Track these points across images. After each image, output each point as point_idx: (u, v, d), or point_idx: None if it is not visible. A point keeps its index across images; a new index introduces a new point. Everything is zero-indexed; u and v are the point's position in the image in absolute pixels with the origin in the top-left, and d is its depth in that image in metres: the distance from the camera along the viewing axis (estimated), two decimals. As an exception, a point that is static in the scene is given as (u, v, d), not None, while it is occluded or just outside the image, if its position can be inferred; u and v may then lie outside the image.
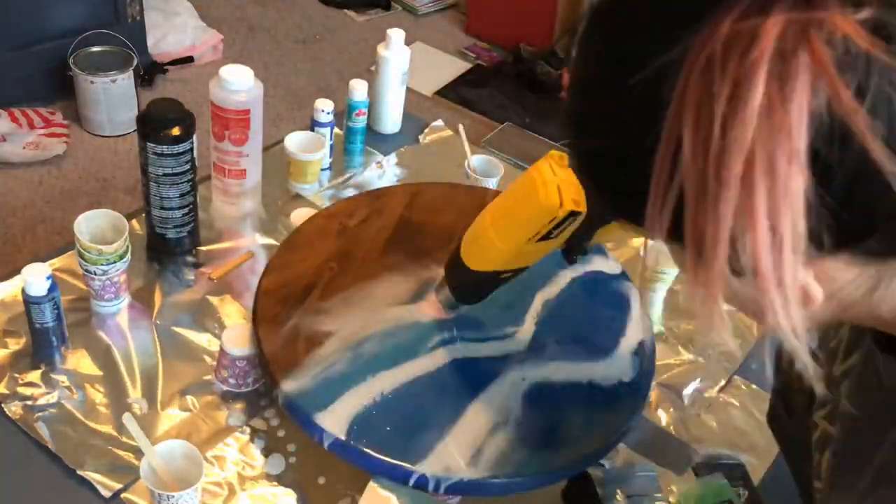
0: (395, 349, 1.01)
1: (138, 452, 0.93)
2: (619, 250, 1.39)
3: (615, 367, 1.04)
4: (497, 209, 0.91)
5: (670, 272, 1.29)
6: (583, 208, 0.83)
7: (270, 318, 1.02)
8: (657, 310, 1.30)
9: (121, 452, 0.97)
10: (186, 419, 1.02)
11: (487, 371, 1.00)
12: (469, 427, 0.94)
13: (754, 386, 1.20)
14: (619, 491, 1.00)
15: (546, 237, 0.86)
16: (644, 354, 1.06)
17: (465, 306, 1.03)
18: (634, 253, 1.38)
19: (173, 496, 0.87)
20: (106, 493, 0.92)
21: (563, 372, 1.02)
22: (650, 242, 1.31)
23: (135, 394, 1.04)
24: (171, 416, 1.02)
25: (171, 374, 1.07)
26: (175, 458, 0.92)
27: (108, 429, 0.99)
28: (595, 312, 1.11)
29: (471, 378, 0.99)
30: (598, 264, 1.18)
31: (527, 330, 1.06)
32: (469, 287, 1.00)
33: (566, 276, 1.14)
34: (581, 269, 1.16)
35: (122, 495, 0.92)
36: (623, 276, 1.17)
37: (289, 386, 0.95)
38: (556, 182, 0.83)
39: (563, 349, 1.05)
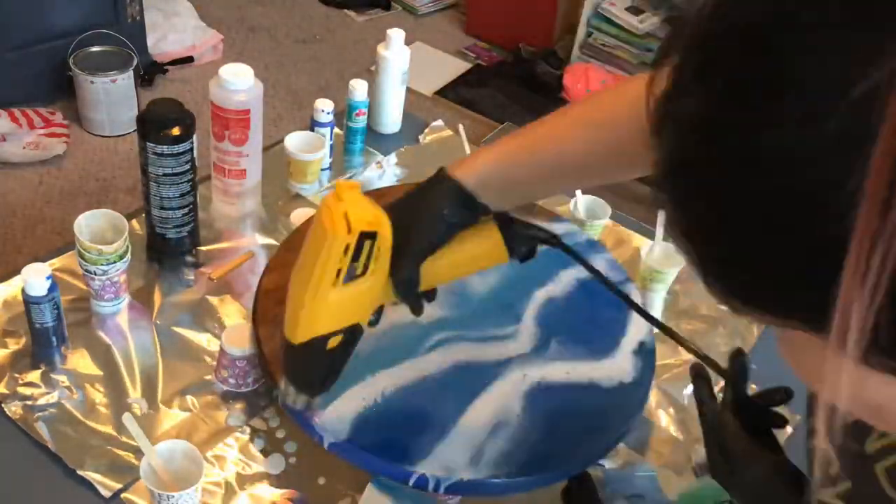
0: (395, 349, 1.01)
1: (138, 452, 0.93)
2: (619, 250, 1.39)
3: (615, 367, 1.04)
4: (297, 264, 0.81)
5: (670, 272, 1.29)
6: (377, 227, 0.75)
7: (270, 318, 1.02)
8: (657, 310, 1.29)
9: (121, 452, 0.96)
10: (186, 419, 1.02)
11: (487, 371, 1.00)
12: (469, 427, 0.94)
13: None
14: (619, 491, 1.00)
15: (352, 275, 0.76)
16: (644, 354, 1.06)
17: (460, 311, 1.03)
18: (634, 253, 1.38)
19: (173, 496, 0.87)
20: (106, 493, 0.92)
21: (563, 372, 1.02)
22: (650, 242, 1.31)
23: (135, 394, 1.04)
24: (171, 416, 1.02)
25: (171, 374, 1.07)
26: (175, 458, 0.92)
27: (108, 429, 0.99)
28: (595, 312, 1.11)
29: (471, 378, 0.99)
30: (598, 264, 1.18)
31: (527, 330, 1.06)
32: (302, 368, 0.86)
33: (567, 276, 1.15)
34: (581, 269, 1.16)
35: (122, 495, 0.92)
36: (623, 276, 1.17)
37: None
38: (342, 209, 0.74)
39: (563, 349, 1.05)
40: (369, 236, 0.75)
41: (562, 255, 1.18)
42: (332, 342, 0.81)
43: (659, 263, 1.29)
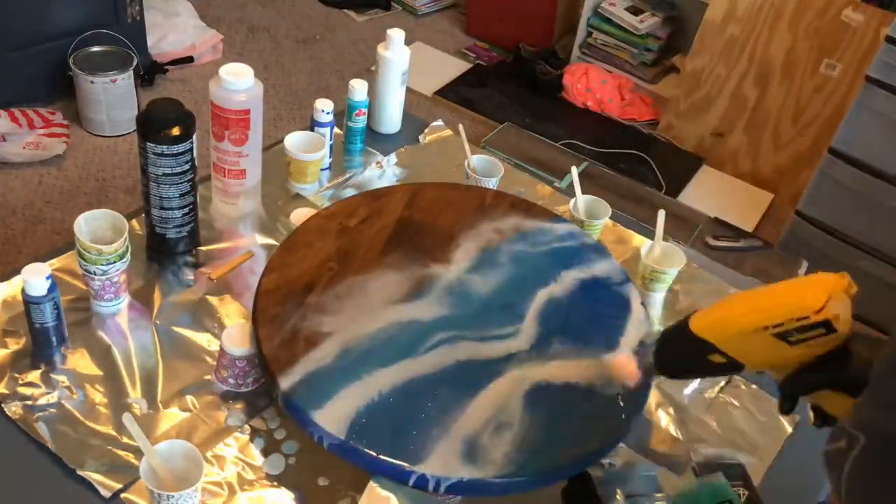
0: (395, 349, 1.01)
1: (138, 452, 0.93)
2: (619, 250, 1.39)
3: (615, 367, 1.04)
4: (758, 289, 0.86)
5: (670, 272, 1.29)
6: (840, 327, 0.78)
7: (270, 318, 1.02)
8: (657, 310, 1.30)
9: (121, 452, 0.96)
10: (186, 419, 1.02)
11: (488, 370, 1.00)
12: (469, 427, 0.94)
13: (754, 386, 1.20)
14: (619, 491, 1.00)
15: (785, 336, 0.80)
16: (644, 354, 1.06)
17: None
18: (634, 253, 1.38)
19: (173, 496, 0.87)
20: (106, 493, 0.92)
21: (563, 372, 1.02)
22: (650, 242, 1.31)
23: (135, 394, 1.04)
24: (171, 416, 1.02)
25: (171, 374, 1.07)
26: (175, 458, 0.92)
27: (108, 429, 0.99)
28: (595, 312, 1.11)
29: (471, 377, 0.99)
30: (598, 264, 1.18)
31: (528, 330, 1.06)
32: (674, 349, 0.93)
33: (567, 276, 1.15)
34: (582, 269, 1.16)
35: (122, 495, 0.92)
36: (623, 276, 1.17)
37: (289, 386, 0.95)
38: (829, 291, 0.78)
39: (563, 349, 1.05)
40: (827, 328, 0.78)
41: (562, 255, 1.18)
42: (716, 358, 0.86)
43: (659, 263, 1.29)
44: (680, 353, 0.92)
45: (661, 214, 1.31)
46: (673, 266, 1.29)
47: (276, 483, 0.97)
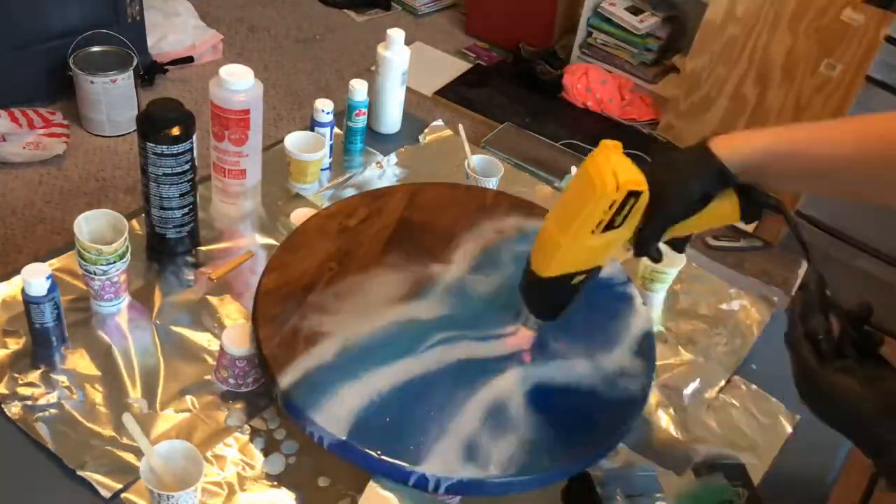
0: (395, 348, 1.01)
1: (138, 452, 0.93)
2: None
3: (616, 367, 1.04)
4: (557, 208, 0.90)
5: (670, 272, 1.29)
6: (643, 188, 0.82)
7: (270, 318, 1.02)
8: (657, 310, 1.30)
9: (121, 453, 0.96)
10: (186, 419, 1.02)
11: (488, 370, 1.00)
12: (469, 427, 0.94)
13: (754, 386, 1.20)
14: (619, 491, 1.00)
15: (610, 226, 0.85)
16: (644, 354, 1.06)
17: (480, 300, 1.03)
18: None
19: (173, 496, 0.87)
20: (106, 494, 0.92)
21: (563, 371, 1.02)
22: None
23: (135, 394, 1.04)
24: (171, 416, 1.02)
25: (171, 374, 1.07)
26: (175, 458, 0.92)
27: (107, 429, 0.99)
28: (596, 312, 1.11)
29: (471, 377, 0.99)
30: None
31: (528, 329, 1.06)
32: (545, 298, 0.97)
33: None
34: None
35: (122, 495, 0.92)
36: (624, 276, 1.17)
37: (288, 386, 0.95)
38: (610, 167, 0.82)
39: (563, 348, 1.05)
40: (634, 195, 0.82)
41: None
42: (577, 279, 0.92)
43: (659, 263, 1.29)
44: (548, 297, 0.96)
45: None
46: (673, 266, 1.29)
47: (276, 483, 0.97)
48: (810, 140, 0.87)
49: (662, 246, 1.29)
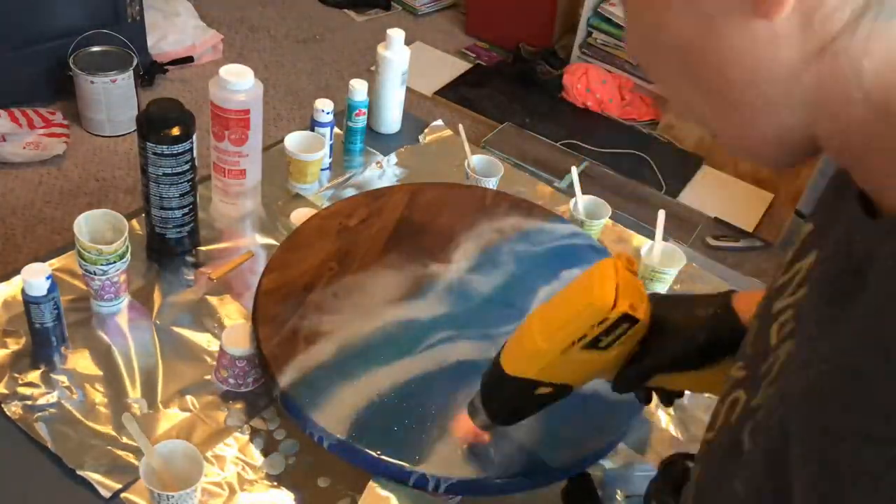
0: (395, 348, 1.01)
1: (138, 452, 0.93)
2: (619, 250, 1.39)
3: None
4: (547, 306, 0.80)
5: (670, 272, 1.29)
6: (641, 315, 0.73)
7: (270, 318, 1.02)
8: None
9: (121, 452, 0.96)
10: (186, 419, 1.02)
11: (487, 371, 1.00)
12: (469, 426, 0.93)
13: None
14: (619, 491, 1.00)
15: (594, 344, 0.75)
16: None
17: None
18: (634, 253, 1.38)
19: (173, 496, 0.87)
20: (106, 494, 0.92)
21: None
22: (650, 242, 1.31)
23: (134, 394, 1.04)
24: (170, 416, 1.02)
25: (171, 374, 1.07)
26: (175, 458, 0.92)
27: (107, 429, 0.99)
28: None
29: (472, 377, 0.99)
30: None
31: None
32: (502, 396, 0.85)
33: (567, 276, 1.14)
34: (582, 269, 1.16)
35: (122, 495, 0.92)
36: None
37: (288, 386, 0.95)
38: (615, 281, 0.73)
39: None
40: (629, 321, 0.73)
41: (563, 254, 1.18)
42: (542, 390, 0.81)
43: (659, 263, 1.29)
44: (505, 397, 0.84)
45: (662, 215, 1.31)
46: (673, 266, 1.29)
47: (276, 483, 0.97)
48: None
49: (662, 245, 1.30)
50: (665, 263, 1.29)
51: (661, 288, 1.31)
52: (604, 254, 1.20)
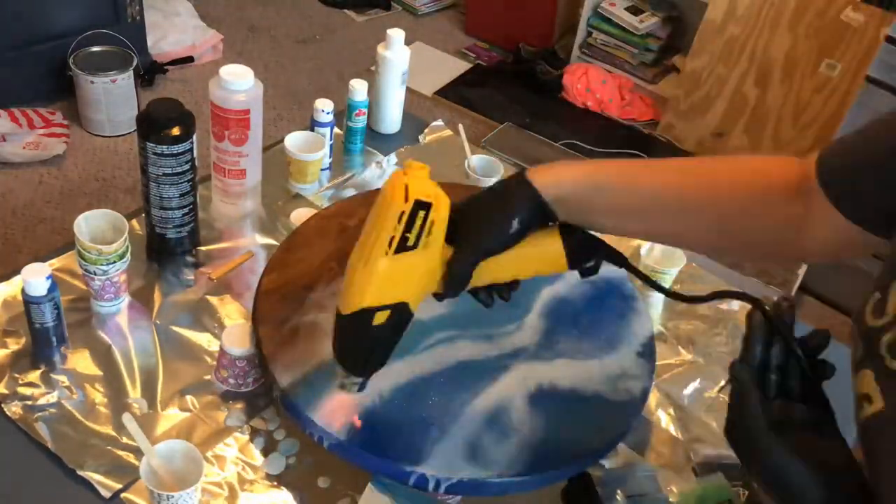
0: (396, 348, 1.00)
1: (138, 452, 0.93)
2: (619, 248, 1.39)
3: (616, 367, 1.04)
4: (358, 242, 0.82)
5: (670, 272, 1.29)
6: (433, 200, 0.77)
7: (270, 318, 1.02)
8: (657, 309, 1.30)
9: (121, 452, 0.96)
10: (186, 419, 1.02)
11: (488, 370, 1.00)
12: (469, 426, 0.94)
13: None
14: (618, 491, 1.00)
15: (403, 245, 0.78)
16: (645, 355, 1.06)
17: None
18: (634, 252, 1.38)
19: (173, 496, 0.87)
20: (106, 494, 0.92)
21: (564, 371, 1.02)
22: (649, 243, 1.31)
23: (134, 394, 1.04)
24: (170, 416, 1.02)
25: (171, 374, 1.07)
26: (175, 458, 0.92)
27: (107, 429, 0.99)
28: (597, 312, 1.11)
29: (472, 377, 0.99)
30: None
31: (529, 329, 1.06)
32: (346, 341, 0.85)
33: (571, 276, 1.14)
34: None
35: (122, 495, 0.92)
36: (624, 275, 1.17)
37: (289, 386, 0.95)
38: (404, 181, 0.77)
39: (564, 349, 1.05)
40: (423, 207, 0.77)
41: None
42: (379, 317, 0.81)
43: (658, 263, 1.29)
44: (349, 340, 0.84)
45: None
46: (673, 266, 1.29)
47: (276, 483, 0.97)
48: (635, 172, 0.84)
49: (663, 246, 1.30)
50: (665, 263, 1.29)
51: (661, 288, 1.31)
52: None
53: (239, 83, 1.20)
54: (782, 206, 0.80)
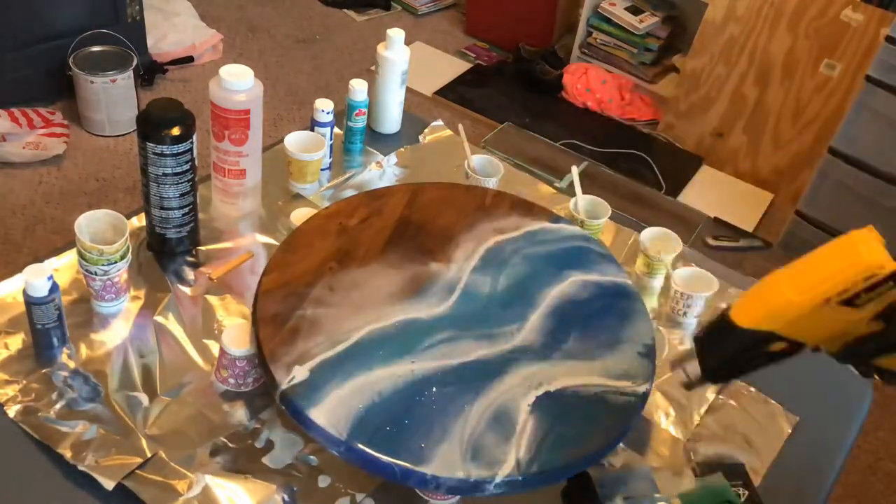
0: (396, 348, 1.01)
1: (139, 450, 0.93)
2: (620, 238, 1.39)
3: (616, 368, 1.04)
4: (795, 266, 0.79)
5: (668, 258, 1.30)
6: None
7: (270, 318, 1.02)
8: (655, 294, 1.31)
9: (121, 452, 0.96)
10: (186, 419, 1.02)
11: (489, 370, 1.00)
12: (469, 427, 0.94)
13: (752, 388, 1.20)
14: (618, 491, 1.00)
15: (852, 301, 0.75)
16: (645, 355, 1.06)
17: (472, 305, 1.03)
18: (634, 242, 1.39)
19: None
20: (108, 485, 0.92)
21: (564, 371, 1.02)
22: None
23: (135, 394, 1.04)
24: (170, 416, 1.02)
25: (171, 374, 1.07)
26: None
27: (108, 428, 0.99)
28: (597, 312, 1.11)
29: (471, 377, 0.99)
30: (599, 264, 1.18)
31: (530, 329, 1.06)
32: (727, 351, 0.85)
33: (568, 276, 1.15)
34: (582, 268, 1.16)
35: (124, 482, 0.92)
36: (624, 275, 1.17)
37: (288, 386, 0.95)
38: (881, 246, 0.74)
39: (565, 349, 1.05)
40: (895, 280, 0.74)
41: (563, 254, 1.18)
42: (776, 345, 0.81)
43: (658, 250, 1.30)
44: (732, 353, 0.84)
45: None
46: (670, 252, 1.30)
47: (275, 483, 0.97)
48: None
49: (659, 231, 1.30)
50: (664, 250, 1.31)
51: (660, 276, 1.32)
52: (604, 253, 1.20)
53: (239, 83, 1.20)
54: None
